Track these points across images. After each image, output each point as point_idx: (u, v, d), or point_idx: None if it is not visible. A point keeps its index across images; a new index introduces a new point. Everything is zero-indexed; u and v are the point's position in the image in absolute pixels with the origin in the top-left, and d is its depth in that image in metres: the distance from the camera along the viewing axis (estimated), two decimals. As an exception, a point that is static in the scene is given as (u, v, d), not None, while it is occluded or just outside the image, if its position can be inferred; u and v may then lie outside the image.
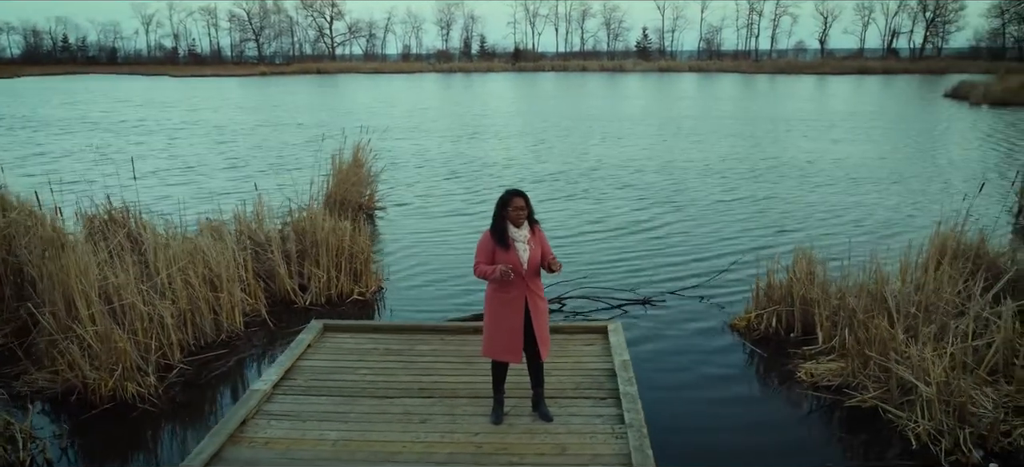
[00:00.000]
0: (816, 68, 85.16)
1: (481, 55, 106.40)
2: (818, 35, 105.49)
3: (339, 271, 9.60)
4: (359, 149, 14.93)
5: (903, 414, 6.30)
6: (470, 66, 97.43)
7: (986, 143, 25.55)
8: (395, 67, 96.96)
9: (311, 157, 21.92)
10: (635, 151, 23.87)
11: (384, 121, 32.67)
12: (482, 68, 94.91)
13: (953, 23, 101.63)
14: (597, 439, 5.68)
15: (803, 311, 8.31)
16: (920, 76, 76.76)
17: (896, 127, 30.97)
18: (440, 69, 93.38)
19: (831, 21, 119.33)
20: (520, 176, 18.88)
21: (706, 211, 14.96)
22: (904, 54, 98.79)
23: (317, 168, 13.21)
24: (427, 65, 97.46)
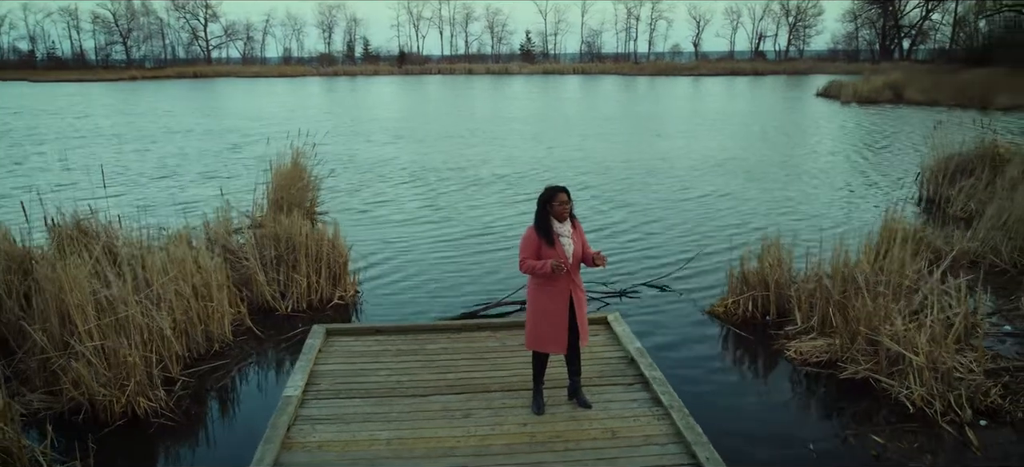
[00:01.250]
0: (692, 70, 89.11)
1: (366, 58, 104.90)
2: (692, 38, 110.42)
3: (319, 276, 9.47)
4: (298, 154, 14.63)
5: (895, 383, 6.92)
6: (355, 70, 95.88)
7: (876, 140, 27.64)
8: (276, 71, 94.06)
9: (239, 163, 21.31)
10: (572, 152, 24.38)
11: (302, 125, 31.79)
12: (368, 72, 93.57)
13: (812, 27, 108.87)
14: (640, 422, 5.97)
15: (777, 295, 8.90)
16: (786, 76, 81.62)
17: (791, 125, 32.94)
18: (324, 73, 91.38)
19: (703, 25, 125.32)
20: (467, 179, 18.96)
21: (653, 207, 15.52)
22: (771, 56, 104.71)
23: (255, 175, 12.91)
24: (310, 69, 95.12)
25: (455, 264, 11.30)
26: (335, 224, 9.92)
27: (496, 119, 36.59)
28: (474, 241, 12.70)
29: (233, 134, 29.52)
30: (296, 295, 9.29)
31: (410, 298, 9.87)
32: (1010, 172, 14.00)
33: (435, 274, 10.79)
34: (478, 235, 13.12)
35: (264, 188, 13.62)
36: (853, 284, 8.11)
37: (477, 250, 12.12)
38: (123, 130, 31.58)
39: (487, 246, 12.40)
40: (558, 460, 5.42)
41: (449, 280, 10.51)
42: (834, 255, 8.55)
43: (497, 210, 15.11)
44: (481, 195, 16.80)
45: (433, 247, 12.30)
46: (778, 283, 8.92)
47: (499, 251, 12.05)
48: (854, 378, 7.21)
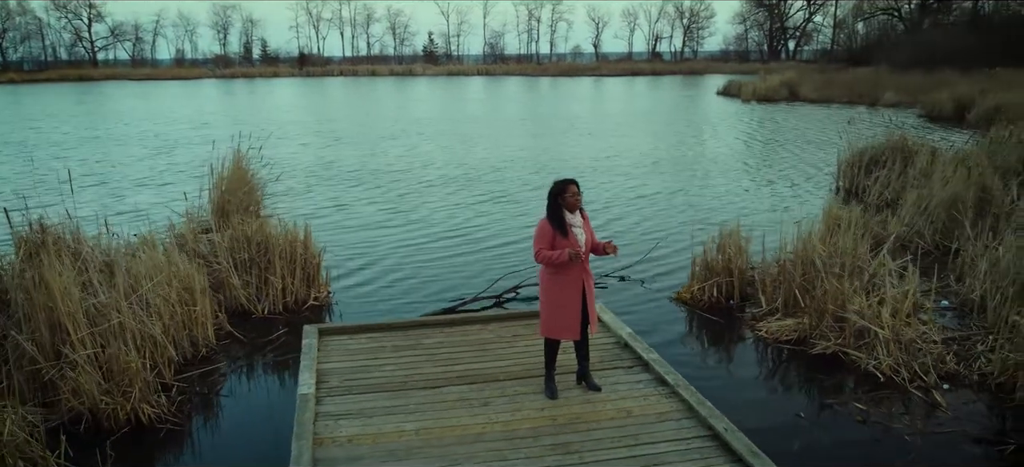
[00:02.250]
0: (594, 70, 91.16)
1: (264, 60, 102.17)
2: (592, 40, 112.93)
3: (293, 278, 9.41)
4: (240, 157, 14.32)
5: (863, 355, 7.53)
6: (253, 71, 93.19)
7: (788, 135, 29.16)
8: (169, 73, 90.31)
9: (169, 170, 20.53)
10: (516, 152, 24.65)
11: (220, 129, 30.92)
12: (267, 73, 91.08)
13: (705, 29, 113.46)
14: (650, 401, 6.31)
15: (740, 280, 9.47)
16: (683, 76, 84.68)
17: (707, 123, 34.31)
18: (221, 75, 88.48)
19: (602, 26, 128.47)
20: (417, 180, 18.96)
21: (612, 204, 15.98)
22: (667, 57, 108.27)
23: (190, 180, 12.51)
24: (206, 70, 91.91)
25: (422, 264, 11.38)
26: (306, 226, 9.84)
27: (424, 120, 36.55)
28: (438, 241, 12.79)
29: (151, 139, 28.35)
30: (272, 297, 9.21)
31: (382, 297, 9.93)
32: (919, 163, 15.20)
33: (404, 274, 10.87)
34: (442, 236, 13.20)
35: (208, 192, 13.30)
36: (812, 267, 8.75)
37: (442, 250, 12.23)
38: (27, 137, 29.75)
39: (452, 246, 12.53)
40: (584, 439, 5.68)
41: (418, 279, 10.61)
42: (794, 241, 9.16)
43: (457, 211, 15.19)
44: (436, 196, 16.85)
45: (398, 248, 12.33)
46: (740, 269, 9.48)
47: (464, 250, 12.23)
48: (825, 353, 7.79)
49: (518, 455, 5.47)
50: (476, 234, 13.24)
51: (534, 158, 22.84)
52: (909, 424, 6.44)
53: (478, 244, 12.55)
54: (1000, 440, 6.14)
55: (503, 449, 5.56)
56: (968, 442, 6.17)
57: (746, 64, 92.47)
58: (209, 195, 13.32)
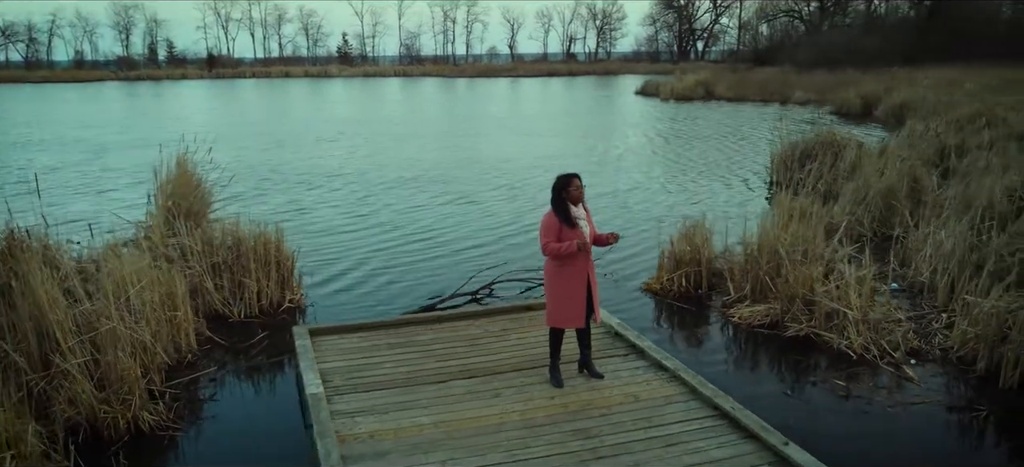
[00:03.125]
0: (511, 71, 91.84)
1: (170, 61, 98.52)
2: (507, 41, 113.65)
3: (268, 280, 9.28)
4: (183, 160, 13.90)
5: (834, 336, 8.00)
6: (160, 73, 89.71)
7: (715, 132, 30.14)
8: (69, 75, 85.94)
9: (104, 176, 19.64)
10: (468, 152, 24.75)
11: (141, 132, 29.87)
12: (174, 75, 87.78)
13: (617, 31, 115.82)
14: (653, 385, 6.56)
15: (707, 269, 9.86)
16: (598, 76, 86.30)
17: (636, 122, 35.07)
18: (124, 77, 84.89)
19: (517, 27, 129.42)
20: (374, 181, 18.76)
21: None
22: (581, 58, 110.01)
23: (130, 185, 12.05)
24: (108, 72, 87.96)
25: (393, 265, 11.32)
26: (278, 228, 9.71)
27: (358, 122, 36.17)
28: (407, 243, 12.72)
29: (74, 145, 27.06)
30: (247, 301, 9.06)
31: (357, 298, 9.89)
32: (848, 156, 16.06)
33: (376, 275, 10.82)
34: (410, 237, 13.12)
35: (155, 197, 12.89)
36: (775, 255, 9.20)
37: (411, 251, 12.19)
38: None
39: (420, 247, 12.49)
40: (600, 424, 5.88)
41: (391, 280, 10.59)
42: (756, 231, 9.61)
43: (421, 212, 15.13)
44: (397, 197, 16.72)
45: (367, 250, 12.22)
46: (707, 259, 9.87)
47: (433, 250, 12.26)
48: (798, 336, 8.23)
49: (540, 442, 5.62)
50: (443, 234, 13.28)
51: (483, 159, 22.92)
52: (887, 397, 6.90)
53: (446, 244, 12.59)
54: (970, 408, 6.66)
55: (525, 437, 5.69)
56: (942, 411, 6.66)
57: (657, 64, 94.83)
58: (156, 200, 12.92)
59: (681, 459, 5.37)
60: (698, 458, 5.38)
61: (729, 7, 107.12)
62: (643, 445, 5.56)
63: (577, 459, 5.38)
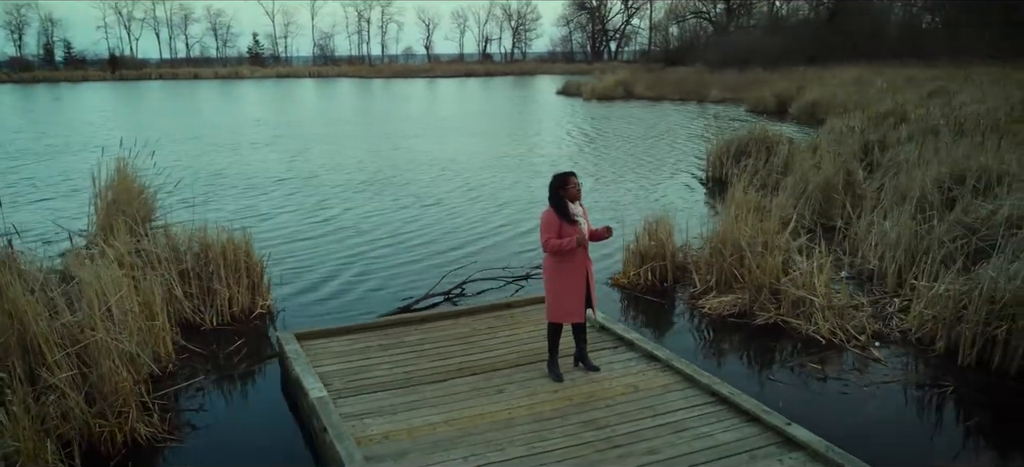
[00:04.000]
0: (428, 72, 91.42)
1: (69, 62, 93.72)
2: (423, 41, 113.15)
3: (239, 286, 9.08)
4: (123, 165, 13.39)
5: (802, 322, 8.42)
6: (57, 75, 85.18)
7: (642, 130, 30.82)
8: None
9: (27, 183, 18.58)
10: (416, 152, 24.49)
11: (61, 137, 28.32)
12: (74, 77, 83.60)
13: (533, 31, 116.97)
14: (648, 376, 6.78)
15: (672, 263, 10.19)
16: (515, 77, 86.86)
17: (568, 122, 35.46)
18: (19, 80, 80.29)
19: (433, 28, 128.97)
20: (328, 185, 18.44)
21: (536, 199, 16.35)
22: (497, 58, 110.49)
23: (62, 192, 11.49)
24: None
25: (360, 268, 11.20)
26: (246, 232, 9.51)
27: (293, 124, 35.51)
28: (372, 246, 12.57)
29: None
30: (219, 308, 8.85)
31: (328, 303, 9.77)
32: (781, 152, 16.79)
33: (344, 279, 10.69)
34: (375, 241, 12.97)
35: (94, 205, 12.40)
36: (738, 247, 9.59)
37: (378, 254, 12.06)
38: None
39: (386, 249, 12.40)
40: (607, 414, 6.05)
41: (360, 283, 10.49)
42: (717, 225, 9.99)
43: (382, 215, 14.95)
44: (355, 201, 16.48)
45: (333, 254, 12.03)
46: (672, 252, 10.20)
47: (400, 253, 12.21)
48: (767, 323, 8.62)
49: (554, 435, 5.75)
50: (408, 237, 13.21)
51: (431, 160, 22.78)
52: (861, 378, 7.33)
53: (413, 247, 12.54)
54: (936, 385, 7.14)
55: (539, 430, 5.81)
56: (912, 389, 7.13)
57: (572, 65, 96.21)
58: (97, 208, 12.45)
59: (692, 444, 5.60)
60: (708, 442, 5.62)
61: (639, 8, 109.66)
62: (653, 432, 5.77)
63: (594, 449, 5.53)
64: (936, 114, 20.43)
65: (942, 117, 20.44)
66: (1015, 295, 7.30)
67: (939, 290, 8.12)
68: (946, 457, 6.03)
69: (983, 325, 7.43)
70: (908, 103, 24.23)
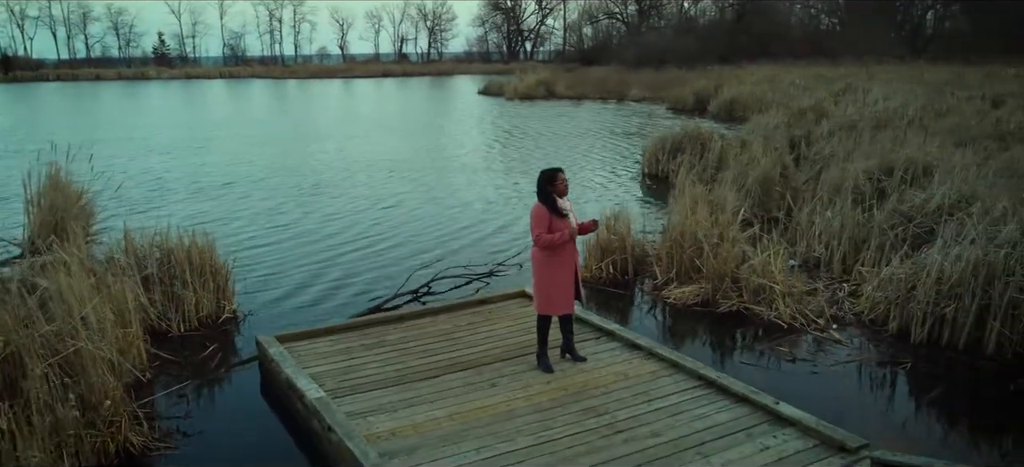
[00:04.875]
0: (344, 72, 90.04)
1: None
2: (338, 41, 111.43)
3: (205, 291, 8.88)
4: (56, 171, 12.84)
5: (764, 309, 8.83)
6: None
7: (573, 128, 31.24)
8: None
9: None
10: (363, 153, 24.19)
11: None
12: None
13: (448, 31, 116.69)
14: (634, 364, 7.02)
15: (632, 256, 10.49)
16: (432, 77, 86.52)
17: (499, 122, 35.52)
18: None
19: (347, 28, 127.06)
20: (280, 187, 18.02)
21: (487, 199, 16.35)
22: (413, 58, 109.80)
23: None
24: None
25: (322, 271, 11.03)
26: (210, 237, 9.29)
27: (222, 125, 34.52)
28: (333, 249, 12.41)
29: None
30: (186, 314, 8.64)
31: (293, 306, 9.64)
32: (715, 149, 17.41)
33: (307, 282, 10.51)
34: (336, 243, 12.80)
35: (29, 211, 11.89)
36: (696, 239, 9.96)
37: (340, 256, 11.94)
38: None
39: (348, 251, 12.29)
40: (605, 402, 6.25)
41: (325, 286, 10.35)
42: (676, 217, 10.34)
43: (338, 218, 14.76)
44: (308, 204, 16.21)
45: (293, 258, 11.81)
46: (632, 246, 10.51)
47: (359, 253, 12.15)
48: (730, 310, 9.00)
49: (557, 424, 5.91)
50: (367, 238, 13.12)
51: (376, 161, 22.53)
52: (825, 358, 7.77)
53: (372, 247, 12.49)
54: (895, 362, 7.63)
55: (543, 419, 5.96)
56: (873, 366, 7.60)
57: (489, 65, 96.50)
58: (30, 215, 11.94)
59: (690, 425, 5.85)
60: (705, 423, 5.89)
61: (553, 9, 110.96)
62: (652, 417, 6.00)
63: (599, 436, 5.72)
64: (853, 111, 21.56)
65: (857, 113, 21.63)
66: (960, 276, 7.87)
67: (888, 274, 8.67)
68: (909, 430, 6.46)
69: (933, 305, 7.97)
70: (824, 100, 25.43)
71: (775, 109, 25.11)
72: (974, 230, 8.40)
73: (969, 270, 7.82)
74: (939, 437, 6.43)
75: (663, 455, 5.42)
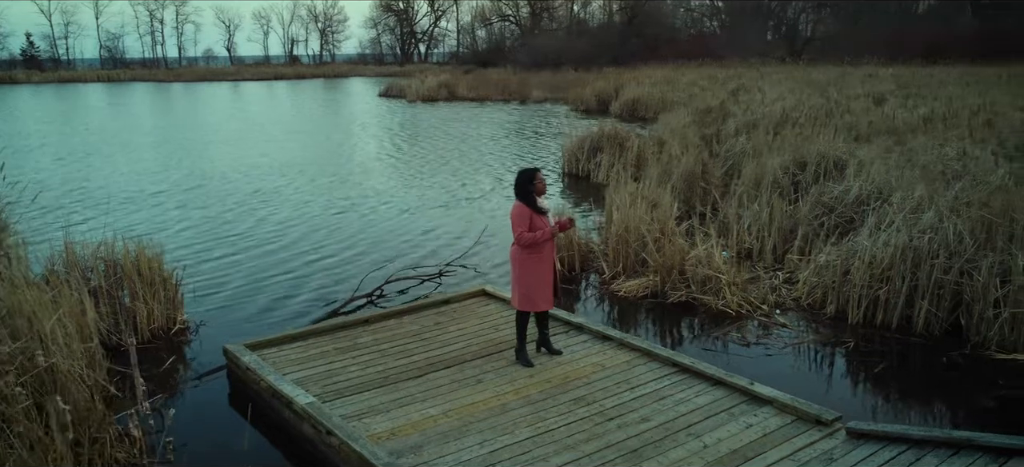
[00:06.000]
0: (233, 75, 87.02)
1: None
2: (224, 43, 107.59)
3: (155, 301, 8.58)
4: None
5: (712, 298, 9.30)
6: None
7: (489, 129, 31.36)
8: None
9: None
10: (289, 157, 23.37)
11: None
12: None
13: (340, 33, 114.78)
14: (608, 354, 7.29)
15: (579, 251, 10.81)
16: (326, 79, 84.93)
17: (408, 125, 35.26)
18: None
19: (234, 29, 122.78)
20: (217, 193, 17.50)
21: (434, 204, 16.21)
22: (305, 60, 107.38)
23: None
24: None
25: (270, 279, 10.82)
26: (159, 246, 8.97)
27: (122, 131, 32.83)
28: (277, 256, 12.15)
29: None
30: (138, 326, 8.32)
31: (246, 316, 9.43)
32: (633, 148, 18.03)
33: (256, 291, 10.29)
34: (279, 250, 12.55)
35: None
36: (640, 234, 10.38)
37: (286, 263, 11.70)
38: None
39: (293, 258, 12.08)
40: (592, 391, 6.48)
41: (275, 293, 10.15)
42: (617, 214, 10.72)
43: (278, 225, 14.39)
44: (246, 210, 15.77)
45: (240, 267, 11.51)
46: (578, 242, 10.82)
47: (304, 258, 11.99)
48: (680, 301, 9.44)
49: (551, 414, 6.11)
50: (312, 244, 12.90)
51: (301, 163, 22.22)
52: (775, 341, 8.29)
53: (313, 253, 12.31)
54: (839, 341, 8.23)
55: (535, 411, 6.14)
56: (819, 346, 8.17)
57: (384, 67, 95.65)
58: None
59: (676, 409, 6.17)
60: (689, 406, 6.21)
61: (446, 11, 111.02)
62: (638, 403, 6.28)
63: (593, 423, 5.95)
64: (755, 110, 22.72)
65: (759, 112, 22.80)
66: (890, 260, 8.55)
67: (823, 261, 9.31)
68: (863, 404, 7.01)
69: (866, 288, 8.63)
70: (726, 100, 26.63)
71: (680, 109, 26.11)
72: (897, 218, 9.13)
73: (898, 255, 8.51)
74: (889, 410, 6.98)
75: (658, 438, 5.71)
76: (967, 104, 21.12)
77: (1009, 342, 7.73)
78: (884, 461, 5.22)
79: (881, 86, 29.51)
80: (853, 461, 5.28)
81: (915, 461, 5.15)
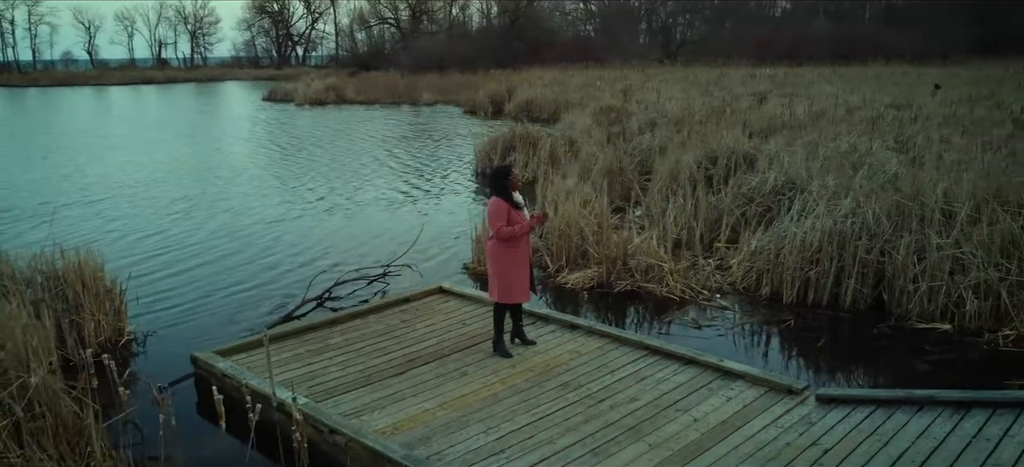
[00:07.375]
0: (97, 79, 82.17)
1: None
2: (85, 45, 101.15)
3: (102, 313, 8.20)
4: None
5: (656, 286, 9.78)
6: None
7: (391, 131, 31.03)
8: None
9: None
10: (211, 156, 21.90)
11: None
12: None
13: (212, 35, 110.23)
14: (579, 342, 7.57)
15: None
16: (199, 83, 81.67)
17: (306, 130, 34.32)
18: None
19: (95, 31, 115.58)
20: (138, 200, 16.35)
21: (369, 206, 15.86)
22: (175, 63, 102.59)
23: None
24: None
25: (215, 287, 10.47)
26: (100, 255, 8.55)
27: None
28: (220, 262, 11.79)
29: None
30: (86, 338, 7.93)
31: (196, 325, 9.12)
32: (545, 147, 18.46)
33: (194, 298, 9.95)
34: (222, 256, 12.16)
35: None
36: (580, 229, 10.76)
37: (230, 270, 11.36)
38: None
39: (229, 262, 11.78)
40: (573, 377, 6.74)
41: (223, 301, 9.82)
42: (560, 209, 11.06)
43: (205, 232, 13.84)
44: (184, 217, 15.06)
45: (179, 275, 11.09)
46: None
47: (245, 264, 11.72)
48: (626, 290, 9.86)
49: (542, 400, 6.34)
50: (255, 249, 12.59)
51: (208, 169, 21.33)
52: (721, 324, 8.84)
53: (257, 261, 11.97)
54: (780, 320, 8.86)
55: (526, 399, 6.36)
56: (763, 326, 8.77)
57: (260, 70, 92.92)
58: None
59: (658, 388, 6.53)
60: (669, 385, 6.59)
61: (323, 13, 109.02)
62: (621, 385, 6.60)
63: (585, 406, 6.22)
64: (652, 109, 23.71)
65: (655, 111, 23.82)
66: (819, 243, 9.28)
67: (756, 246, 9.97)
68: (815, 374, 7.62)
69: (798, 270, 9.33)
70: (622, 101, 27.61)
71: (577, 109, 26.85)
72: (819, 205, 9.90)
73: (825, 238, 9.25)
74: (840, 378, 7.61)
75: (650, 415, 6.04)
76: (845, 101, 22.79)
77: (928, 313, 8.56)
78: (859, 421, 5.75)
79: (760, 85, 31.35)
80: (830, 423, 5.79)
81: (887, 418, 5.71)
